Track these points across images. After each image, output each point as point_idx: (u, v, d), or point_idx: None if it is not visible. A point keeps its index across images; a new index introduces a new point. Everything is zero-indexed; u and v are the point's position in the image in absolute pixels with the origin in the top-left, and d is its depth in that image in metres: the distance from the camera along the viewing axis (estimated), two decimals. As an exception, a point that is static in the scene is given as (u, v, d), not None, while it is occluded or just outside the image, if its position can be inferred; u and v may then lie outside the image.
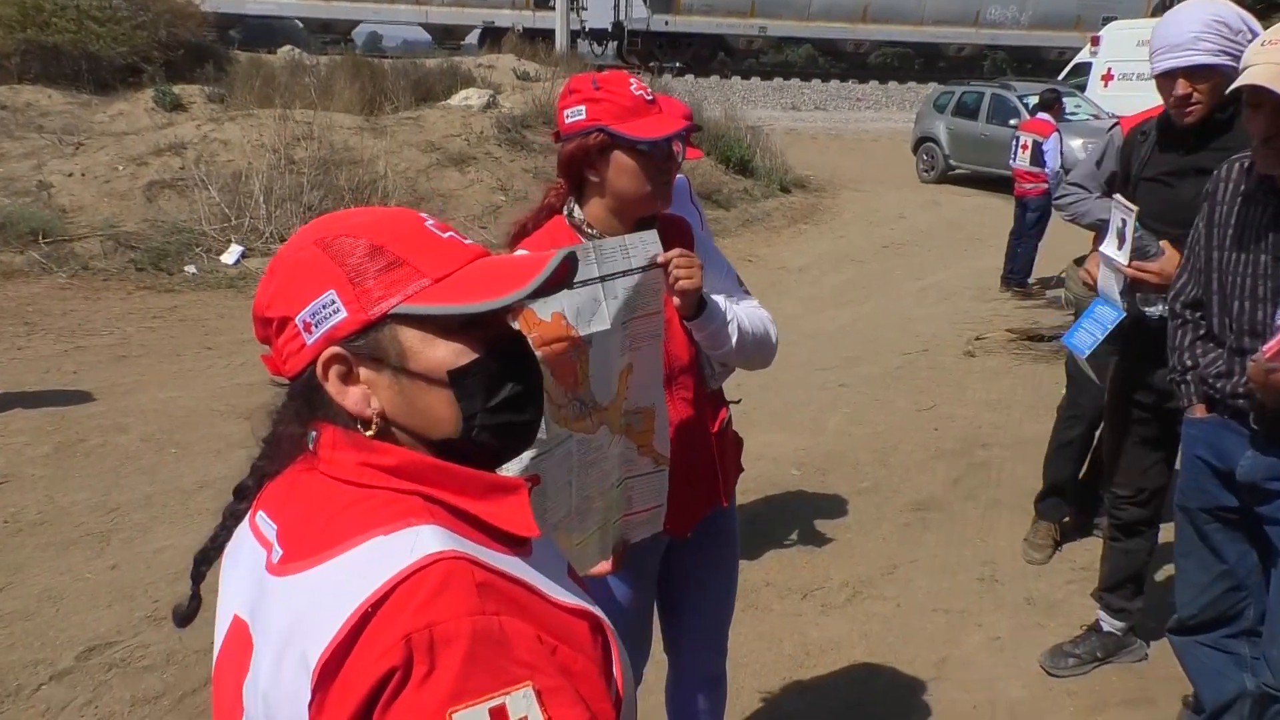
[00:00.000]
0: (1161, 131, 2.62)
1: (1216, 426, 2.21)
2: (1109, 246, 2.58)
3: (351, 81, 11.86)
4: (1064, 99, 9.68)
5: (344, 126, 10.42)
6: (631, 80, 1.87)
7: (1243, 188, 2.09)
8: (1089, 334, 2.73)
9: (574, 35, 26.37)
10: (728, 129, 14.77)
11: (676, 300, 1.81)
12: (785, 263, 10.31)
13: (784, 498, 4.45)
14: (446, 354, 0.89)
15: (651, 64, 25.39)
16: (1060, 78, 18.80)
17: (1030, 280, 8.87)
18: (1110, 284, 2.65)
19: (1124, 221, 2.52)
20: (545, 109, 12.16)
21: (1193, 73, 2.39)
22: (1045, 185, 8.69)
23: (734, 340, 1.94)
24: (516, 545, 0.93)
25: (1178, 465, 2.53)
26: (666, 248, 1.81)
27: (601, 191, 1.90)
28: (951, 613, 3.47)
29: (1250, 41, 2.30)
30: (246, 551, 0.94)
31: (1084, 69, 17.82)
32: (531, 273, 0.89)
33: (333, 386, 0.89)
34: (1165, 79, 2.45)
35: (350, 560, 0.82)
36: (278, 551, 0.88)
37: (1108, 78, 16.74)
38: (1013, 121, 14.13)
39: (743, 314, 2.00)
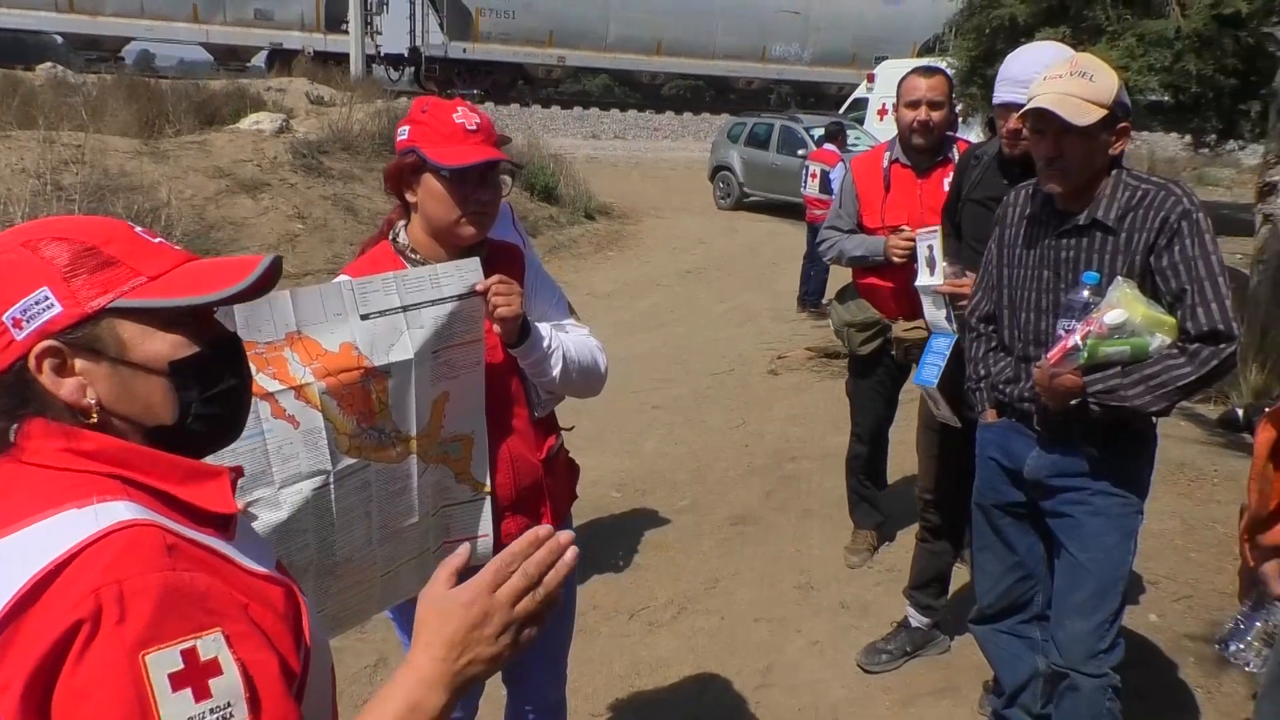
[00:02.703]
0: (999, 157, 2.80)
1: (1006, 430, 2.42)
2: (922, 278, 2.77)
3: (127, 102, 11.07)
4: (847, 131, 10.35)
5: (119, 150, 9.69)
6: (460, 108, 1.86)
7: (1028, 211, 2.31)
8: (933, 366, 2.85)
9: (369, 60, 25.76)
10: (531, 157, 14.83)
11: (497, 328, 1.81)
12: (594, 288, 10.43)
13: (607, 520, 4.49)
14: (166, 346, 0.95)
15: (450, 91, 25.15)
16: (841, 111, 20.07)
17: (824, 301, 9.37)
18: (935, 312, 2.81)
19: (930, 248, 2.71)
20: (343, 134, 11.79)
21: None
22: (834, 211, 9.24)
23: (558, 369, 1.95)
24: (220, 529, 0.98)
25: None
26: (496, 274, 1.81)
27: (419, 214, 1.90)
28: (773, 621, 3.59)
29: None
30: None
31: (862, 104, 19.15)
32: (244, 271, 0.97)
33: (47, 379, 0.92)
34: (1003, 109, 2.63)
35: (40, 529, 0.86)
36: None
37: (883, 112, 18.04)
38: (800, 151, 14.95)
39: (569, 342, 2.01)
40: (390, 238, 1.99)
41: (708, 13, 28.81)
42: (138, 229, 1.00)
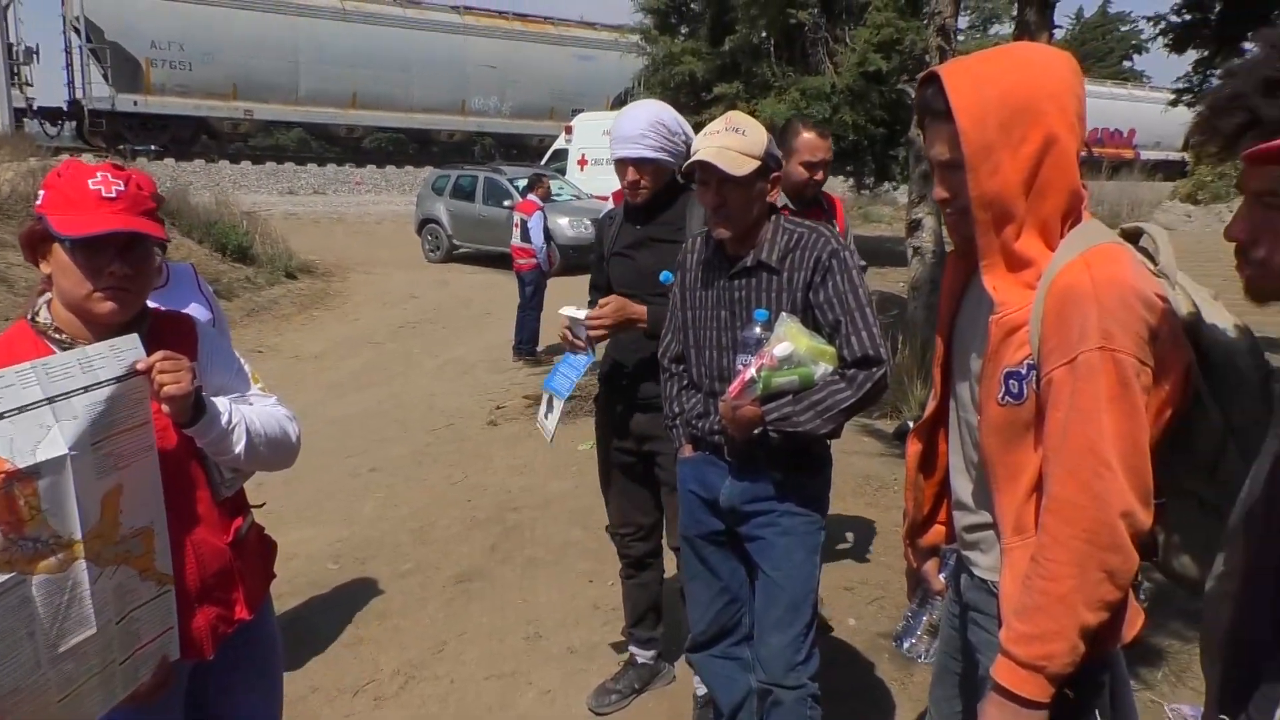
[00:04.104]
0: (626, 211, 3.03)
1: (701, 463, 2.55)
2: (568, 308, 2.96)
3: None
4: (547, 181, 10.66)
5: None
6: (101, 173, 1.70)
7: (704, 256, 2.48)
8: (565, 377, 3.05)
9: (19, 114, 23.17)
10: (220, 215, 13.96)
11: (166, 408, 1.67)
12: (299, 350, 9.94)
13: (324, 595, 4.25)
14: None
15: (122, 147, 23.12)
16: (543, 162, 20.63)
17: (538, 348, 9.50)
18: (581, 334, 3.03)
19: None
20: (-10, 198, 10.51)
21: (639, 163, 2.85)
22: (535, 260, 9.45)
23: (241, 445, 1.84)
24: None
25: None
26: (167, 347, 1.67)
27: (55, 288, 1.74)
28: (504, 676, 3.55)
29: (683, 139, 2.86)
30: None
31: (562, 154, 19.78)
32: None
33: None
34: (620, 164, 2.89)
35: None
36: None
37: (583, 162, 18.75)
38: (506, 202, 15.19)
39: (253, 415, 1.90)
40: (29, 317, 1.78)
41: (403, 66, 28.65)
42: None
